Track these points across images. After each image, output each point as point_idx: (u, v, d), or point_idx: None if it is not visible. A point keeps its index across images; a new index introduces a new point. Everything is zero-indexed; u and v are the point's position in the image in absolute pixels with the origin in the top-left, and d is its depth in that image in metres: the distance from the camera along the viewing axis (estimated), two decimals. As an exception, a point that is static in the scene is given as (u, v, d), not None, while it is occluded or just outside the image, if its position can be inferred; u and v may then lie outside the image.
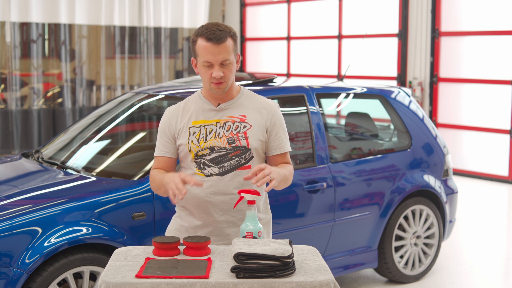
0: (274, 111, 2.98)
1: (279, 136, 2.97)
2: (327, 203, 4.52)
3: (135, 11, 10.83)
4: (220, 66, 2.82)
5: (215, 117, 2.93)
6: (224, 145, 2.89)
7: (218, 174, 2.89)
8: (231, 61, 2.83)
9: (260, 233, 2.69)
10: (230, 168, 2.89)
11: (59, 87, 10.35)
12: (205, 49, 2.81)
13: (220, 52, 2.80)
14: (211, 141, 2.90)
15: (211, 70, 2.83)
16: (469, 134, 9.44)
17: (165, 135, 2.99)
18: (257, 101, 3.00)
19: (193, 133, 2.92)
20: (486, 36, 9.14)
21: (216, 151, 2.89)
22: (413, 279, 5.15)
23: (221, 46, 2.80)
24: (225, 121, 2.92)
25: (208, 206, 2.92)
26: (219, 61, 2.81)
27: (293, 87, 4.79)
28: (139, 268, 2.53)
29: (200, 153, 2.90)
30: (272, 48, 12.12)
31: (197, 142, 2.91)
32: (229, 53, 2.82)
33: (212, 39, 2.79)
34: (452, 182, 5.40)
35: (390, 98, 5.24)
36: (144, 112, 4.99)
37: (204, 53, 2.81)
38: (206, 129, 2.92)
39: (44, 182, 4.11)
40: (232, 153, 2.89)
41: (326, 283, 2.44)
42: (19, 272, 3.38)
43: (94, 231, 3.61)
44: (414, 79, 9.86)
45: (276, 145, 2.97)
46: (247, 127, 2.91)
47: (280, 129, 2.98)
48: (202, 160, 2.90)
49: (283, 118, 3.02)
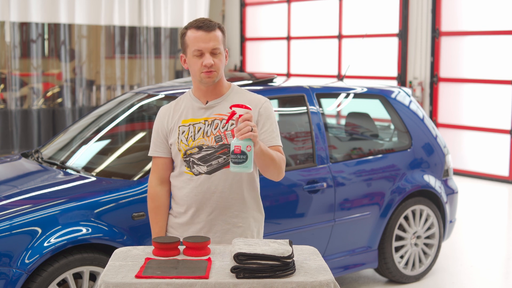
0: (261, 105, 2.95)
1: (265, 130, 2.92)
2: (327, 203, 4.52)
3: (135, 11, 10.83)
4: (211, 55, 2.84)
5: (203, 115, 2.94)
6: (212, 144, 2.90)
7: (206, 172, 2.90)
8: (221, 51, 2.86)
9: (249, 148, 2.61)
10: (217, 166, 2.90)
11: (59, 87, 10.35)
12: (196, 37, 2.84)
13: (211, 40, 2.83)
14: (199, 140, 2.91)
15: (202, 59, 2.85)
16: (469, 134, 9.43)
17: (157, 135, 3.03)
18: (246, 97, 2.98)
19: (182, 132, 2.94)
20: (486, 36, 9.13)
21: (204, 150, 2.91)
22: (413, 279, 5.14)
23: (211, 34, 2.84)
24: (213, 119, 2.92)
25: (198, 204, 2.93)
26: (209, 49, 2.83)
27: (293, 87, 4.79)
28: (139, 268, 2.53)
29: (189, 152, 2.92)
30: (272, 48, 12.12)
31: (186, 141, 2.92)
32: (219, 42, 2.85)
33: (202, 27, 2.84)
34: (452, 182, 5.40)
35: (390, 98, 5.24)
36: (144, 112, 4.98)
37: (194, 42, 2.85)
38: (195, 127, 2.93)
39: (43, 182, 4.11)
40: (219, 151, 2.90)
41: (326, 283, 2.44)
42: (18, 272, 3.37)
43: (94, 231, 3.61)
44: (414, 79, 9.86)
45: (262, 139, 2.90)
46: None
47: (267, 122, 2.93)
48: (191, 159, 2.92)
49: (273, 113, 2.98)
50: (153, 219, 3.04)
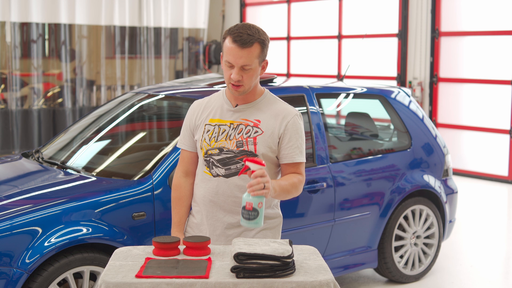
0: (290, 118, 2.91)
1: (291, 145, 2.90)
2: (327, 203, 4.52)
3: (135, 11, 10.83)
4: (240, 70, 2.79)
5: (231, 117, 2.93)
6: (233, 148, 2.89)
7: (224, 175, 2.91)
8: (252, 67, 2.80)
9: (260, 205, 2.62)
10: (236, 171, 2.90)
11: (59, 87, 10.36)
12: (229, 49, 2.79)
13: (242, 56, 2.77)
14: (221, 142, 2.91)
15: (231, 71, 2.82)
16: (469, 134, 9.44)
17: (186, 128, 3.05)
18: (276, 106, 2.94)
19: (207, 131, 2.95)
20: (486, 36, 9.14)
21: (224, 152, 2.90)
22: (413, 279, 5.15)
23: (244, 51, 2.77)
24: (238, 123, 2.91)
25: (212, 205, 2.95)
26: (239, 64, 2.78)
27: (293, 87, 4.79)
28: (139, 268, 2.53)
29: (210, 152, 2.93)
30: (272, 48, 12.11)
31: (209, 141, 2.93)
32: (251, 59, 2.78)
33: (237, 41, 2.77)
34: (452, 182, 5.40)
35: (390, 98, 5.24)
36: (144, 112, 4.99)
37: (227, 53, 2.81)
38: (220, 128, 2.93)
39: (44, 182, 4.11)
40: (239, 157, 2.89)
41: (326, 283, 2.44)
42: (19, 272, 3.38)
43: (94, 231, 3.61)
44: (414, 79, 9.86)
45: (286, 154, 2.90)
46: (259, 133, 2.89)
47: (293, 138, 2.90)
48: (211, 160, 2.93)
49: (301, 128, 2.94)
50: (174, 209, 3.06)
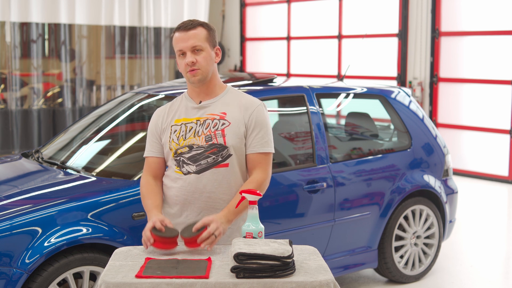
0: (255, 108, 2.95)
1: (255, 135, 2.93)
2: (327, 203, 4.52)
3: (135, 11, 10.83)
4: (192, 53, 2.88)
5: (196, 115, 2.96)
6: (202, 143, 2.90)
7: (195, 172, 2.91)
8: (203, 47, 2.89)
9: (260, 234, 2.68)
10: (206, 166, 2.90)
11: (59, 87, 10.35)
12: (176, 39, 2.92)
13: (190, 38, 2.88)
14: (190, 139, 2.92)
15: (185, 59, 2.89)
16: (469, 134, 9.44)
17: (152, 135, 3.05)
18: (240, 98, 2.99)
19: (174, 131, 2.97)
20: (486, 36, 9.14)
21: (194, 149, 2.92)
22: (413, 279, 5.15)
23: (189, 33, 2.89)
24: (205, 118, 2.94)
25: (186, 203, 2.94)
26: (189, 47, 2.88)
27: (293, 87, 4.79)
28: (139, 268, 2.54)
29: (179, 151, 2.93)
30: (272, 48, 12.12)
31: (177, 140, 2.94)
32: (199, 39, 2.88)
33: (181, 27, 2.91)
34: (452, 182, 5.40)
35: (390, 98, 5.24)
36: (144, 112, 4.99)
37: (175, 43, 2.92)
38: (187, 127, 2.95)
39: (44, 182, 4.11)
40: (209, 151, 2.90)
41: (326, 283, 2.44)
42: (19, 272, 3.38)
43: (94, 231, 3.61)
44: (414, 79, 9.86)
45: (253, 144, 2.92)
46: (226, 124, 2.91)
47: (258, 127, 2.94)
48: (181, 158, 2.94)
49: (267, 117, 2.97)
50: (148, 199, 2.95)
